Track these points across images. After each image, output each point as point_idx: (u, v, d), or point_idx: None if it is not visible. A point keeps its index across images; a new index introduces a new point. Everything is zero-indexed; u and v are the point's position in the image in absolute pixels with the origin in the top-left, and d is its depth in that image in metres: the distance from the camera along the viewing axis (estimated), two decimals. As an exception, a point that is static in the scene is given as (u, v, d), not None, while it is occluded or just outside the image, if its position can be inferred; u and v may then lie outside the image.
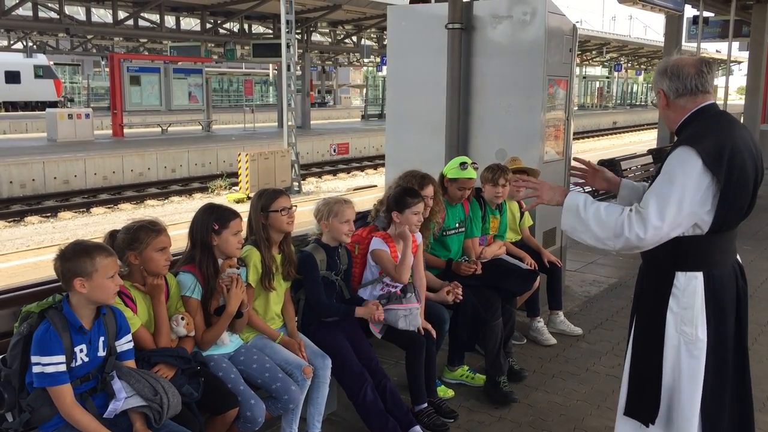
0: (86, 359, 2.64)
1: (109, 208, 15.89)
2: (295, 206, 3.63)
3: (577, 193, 2.73)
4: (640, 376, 2.69)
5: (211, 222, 3.24)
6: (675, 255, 2.58)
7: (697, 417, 2.60)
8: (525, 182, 2.90)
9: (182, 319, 3.13)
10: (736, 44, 19.20)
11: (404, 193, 4.04)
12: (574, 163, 3.12)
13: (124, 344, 2.78)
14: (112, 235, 3.05)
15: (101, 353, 2.69)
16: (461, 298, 4.24)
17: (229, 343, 3.35)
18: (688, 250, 2.58)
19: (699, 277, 2.58)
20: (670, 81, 2.64)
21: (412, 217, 3.98)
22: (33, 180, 16.49)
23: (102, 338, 2.69)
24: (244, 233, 3.46)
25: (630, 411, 2.72)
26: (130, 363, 2.80)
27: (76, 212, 15.25)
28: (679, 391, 2.61)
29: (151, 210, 15.64)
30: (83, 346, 2.63)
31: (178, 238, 3.41)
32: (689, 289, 2.59)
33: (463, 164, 4.68)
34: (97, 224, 13.87)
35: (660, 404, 2.63)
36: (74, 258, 2.60)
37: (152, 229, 3.02)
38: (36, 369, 2.54)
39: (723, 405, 2.64)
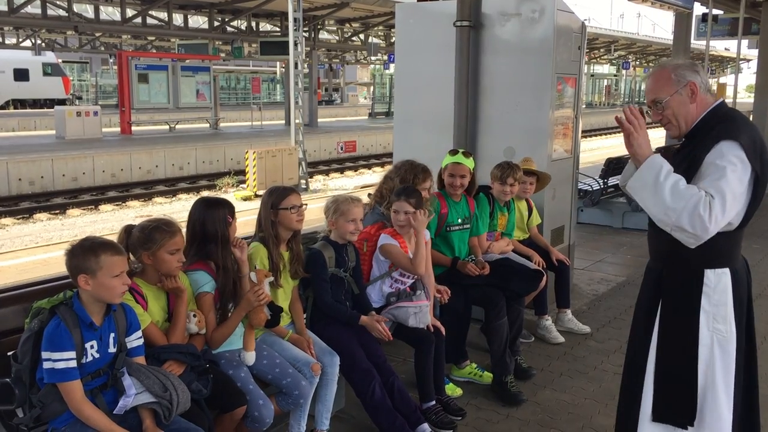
0: (97, 355, 2.65)
1: (117, 205, 15.93)
2: (306, 204, 3.63)
3: (659, 157, 2.54)
4: (671, 378, 2.63)
5: (225, 215, 3.25)
6: (704, 252, 2.52)
7: (731, 413, 2.58)
8: (631, 113, 2.52)
9: (194, 316, 3.14)
10: (745, 42, 19.10)
11: (396, 190, 4.08)
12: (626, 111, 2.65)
13: (135, 341, 2.79)
14: (128, 230, 3.05)
15: (111, 349, 2.70)
16: (446, 302, 4.25)
17: (253, 361, 3.31)
18: (719, 246, 2.54)
19: (727, 273, 2.58)
20: (700, 76, 2.62)
21: (394, 215, 4.01)
22: (42, 177, 16.56)
23: (112, 334, 2.70)
24: (252, 230, 3.47)
25: (661, 416, 2.64)
26: (140, 359, 2.80)
27: (84, 209, 15.31)
28: (714, 390, 2.57)
29: (159, 207, 15.67)
30: (94, 342, 2.64)
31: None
32: (720, 287, 2.57)
33: (452, 151, 4.68)
34: (106, 221, 13.92)
35: (697, 405, 2.58)
36: (80, 255, 2.61)
37: (167, 230, 3.01)
38: (46, 365, 2.55)
39: (739, 402, 2.64)
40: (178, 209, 15.18)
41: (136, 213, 14.90)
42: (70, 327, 2.57)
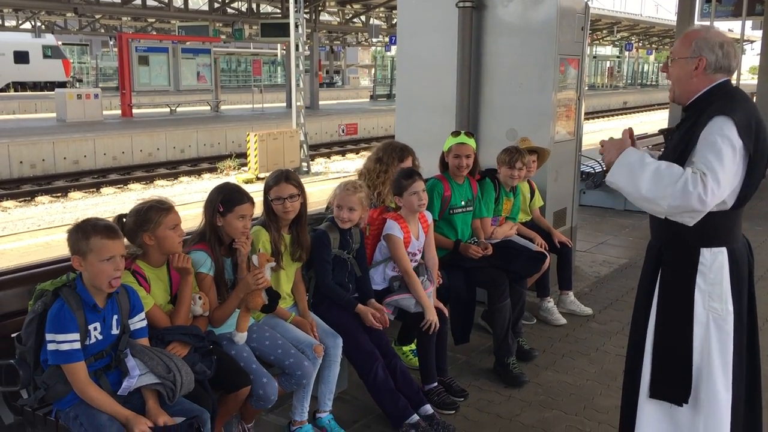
0: (100, 337, 2.66)
1: (118, 188, 15.94)
2: (298, 195, 3.53)
3: (634, 150, 2.59)
4: (667, 356, 2.65)
5: (216, 203, 3.23)
6: (700, 231, 2.53)
7: (729, 393, 2.59)
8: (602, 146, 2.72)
9: (200, 298, 3.15)
10: (749, 23, 18.97)
11: (399, 177, 4.02)
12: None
13: (138, 322, 2.80)
14: (120, 219, 3.03)
15: (115, 331, 2.71)
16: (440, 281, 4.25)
17: (243, 341, 3.30)
18: (715, 225, 2.55)
19: (724, 252, 2.58)
20: (722, 57, 2.59)
21: (412, 198, 3.95)
22: (43, 160, 16.55)
23: (116, 316, 2.71)
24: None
25: (657, 393, 2.67)
26: (144, 341, 2.81)
27: (86, 192, 15.31)
28: (710, 368, 2.58)
29: (160, 190, 15.67)
30: (97, 324, 2.65)
31: (188, 219, 3.42)
32: (716, 265, 2.57)
33: (455, 132, 4.67)
34: (107, 204, 13.93)
35: (692, 383, 2.60)
36: (74, 235, 2.63)
37: (162, 207, 3.02)
38: (51, 347, 2.56)
39: (742, 381, 2.64)
40: (179, 192, 15.17)
41: (137, 196, 14.88)
42: (74, 309, 2.58)
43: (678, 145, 2.58)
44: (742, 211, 2.64)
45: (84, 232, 2.61)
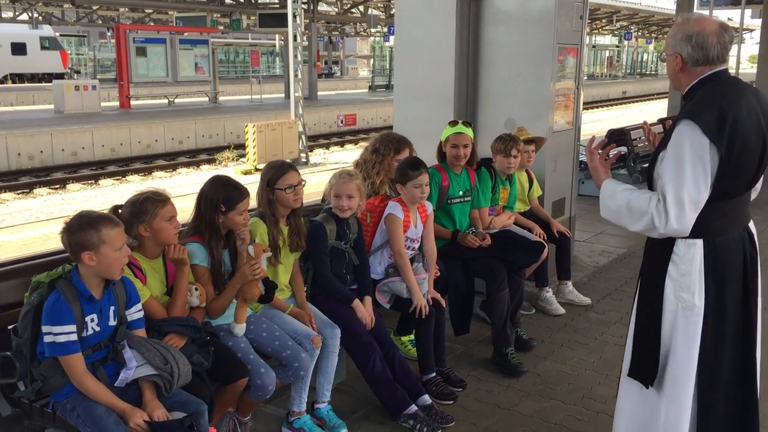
0: (97, 329, 2.65)
1: (117, 179, 15.92)
2: (304, 182, 3.58)
3: (609, 180, 2.78)
4: (642, 339, 2.77)
5: (218, 203, 3.19)
6: None
7: (693, 382, 2.65)
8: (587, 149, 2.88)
9: (196, 290, 3.14)
10: (748, 11, 18.94)
11: (406, 165, 3.99)
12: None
13: (135, 313, 2.79)
14: (115, 210, 3.02)
15: (112, 323, 2.71)
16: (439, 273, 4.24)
17: (242, 332, 3.30)
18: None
19: (698, 244, 2.60)
20: (692, 50, 2.59)
21: (415, 191, 3.93)
22: (41, 152, 16.51)
23: (112, 308, 2.70)
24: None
25: (632, 372, 2.80)
26: (141, 332, 2.81)
27: (84, 184, 15.28)
28: (675, 354, 2.67)
29: (159, 182, 15.64)
30: (94, 316, 2.64)
31: (187, 210, 3.41)
32: (687, 256, 2.62)
33: (452, 122, 4.65)
34: (106, 196, 13.90)
35: (658, 367, 2.70)
36: (80, 231, 2.59)
37: (158, 199, 3.01)
38: (47, 339, 2.56)
39: (719, 373, 2.66)
40: (178, 183, 15.15)
41: (136, 188, 14.81)
42: (70, 301, 2.57)
43: (661, 147, 2.62)
44: (732, 204, 2.62)
45: (92, 226, 2.59)
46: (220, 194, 3.21)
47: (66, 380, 2.62)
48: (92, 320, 2.63)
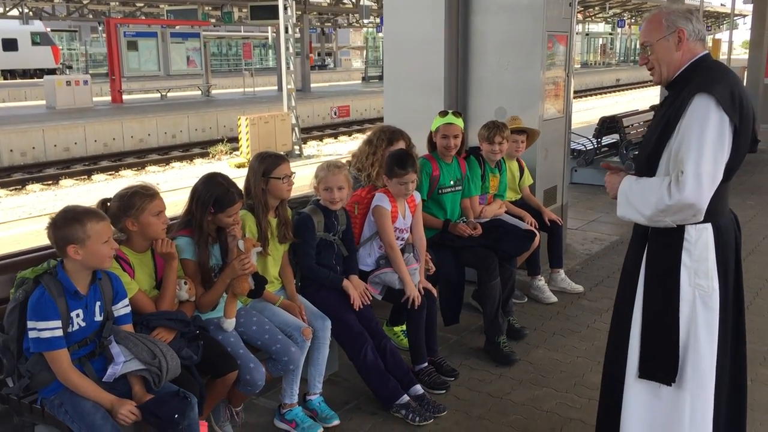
0: (83, 324, 2.64)
1: (110, 175, 15.87)
2: (294, 172, 3.58)
3: (627, 178, 2.67)
4: (655, 336, 2.62)
5: (208, 205, 3.17)
6: None
7: (714, 374, 2.57)
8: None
9: (185, 284, 3.13)
10: (740, -3, 18.88)
11: (394, 161, 3.96)
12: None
13: (121, 309, 2.78)
14: (104, 203, 3.01)
15: (98, 318, 2.70)
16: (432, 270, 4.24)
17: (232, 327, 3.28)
18: None
19: (709, 228, 2.54)
20: (692, 24, 2.58)
21: (400, 188, 3.93)
22: (33, 148, 16.45)
23: (98, 303, 2.69)
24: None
25: (645, 373, 2.64)
26: (128, 327, 2.80)
27: (77, 180, 15.24)
28: (697, 345, 2.55)
29: (152, 176, 15.59)
30: (79, 311, 2.63)
31: (180, 204, 3.39)
32: (701, 242, 2.54)
33: (442, 112, 4.64)
34: (99, 191, 13.85)
35: (679, 362, 2.57)
36: (65, 226, 2.58)
37: (146, 193, 3.00)
38: (32, 334, 2.55)
39: (725, 360, 2.63)
40: (171, 177, 15.11)
41: (129, 183, 14.80)
42: (55, 296, 2.56)
43: (659, 124, 2.57)
44: (728, 186, 2.61)
45: (78, 220, 2.59)
46: (212, 195, 3.17)
47: (53, 376, 2.61)
48: (78, 315, 2.62)
